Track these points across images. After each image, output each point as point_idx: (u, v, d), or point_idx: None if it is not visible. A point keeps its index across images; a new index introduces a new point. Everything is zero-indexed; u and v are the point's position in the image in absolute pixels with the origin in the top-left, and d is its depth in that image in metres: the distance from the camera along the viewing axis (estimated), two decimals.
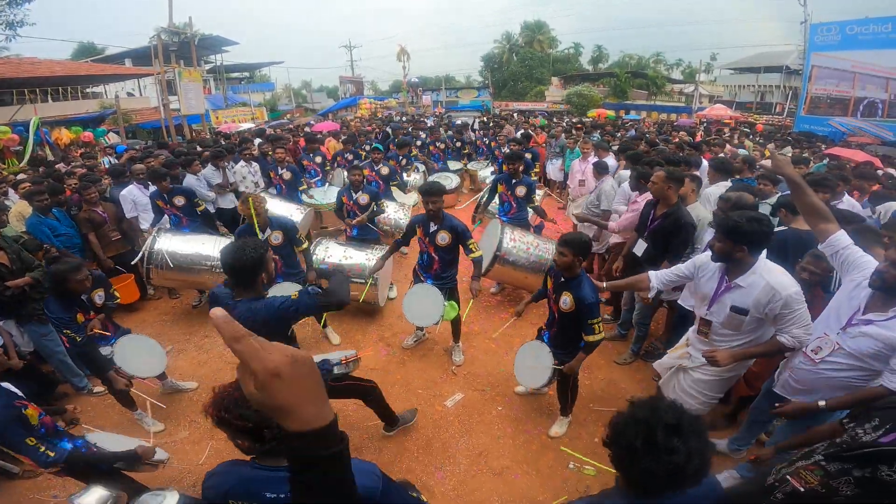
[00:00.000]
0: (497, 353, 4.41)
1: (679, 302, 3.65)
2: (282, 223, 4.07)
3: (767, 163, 2.42)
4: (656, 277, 2.78)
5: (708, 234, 3.48)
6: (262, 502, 1.33)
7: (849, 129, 15.74)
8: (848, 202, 4.16)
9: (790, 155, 8.45)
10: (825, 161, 7.81)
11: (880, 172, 6.99)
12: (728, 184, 4.38)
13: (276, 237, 3.94)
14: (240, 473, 1.41)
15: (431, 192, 3.70)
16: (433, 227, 3.85)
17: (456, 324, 4.19)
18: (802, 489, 1.56)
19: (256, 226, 3.81)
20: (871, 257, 2.17)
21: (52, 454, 2.11)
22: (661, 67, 41.39)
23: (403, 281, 5.17)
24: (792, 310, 2.23)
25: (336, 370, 2.69)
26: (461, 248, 3.90)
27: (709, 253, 2.52)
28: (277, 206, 5.74)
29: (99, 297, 3.31)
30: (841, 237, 2.22)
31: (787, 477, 1.60)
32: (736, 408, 3.41)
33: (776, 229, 3.14)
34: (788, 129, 17.61)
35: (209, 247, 4.85)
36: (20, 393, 2.27)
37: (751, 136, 12.28)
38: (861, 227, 2.91)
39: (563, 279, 2.95)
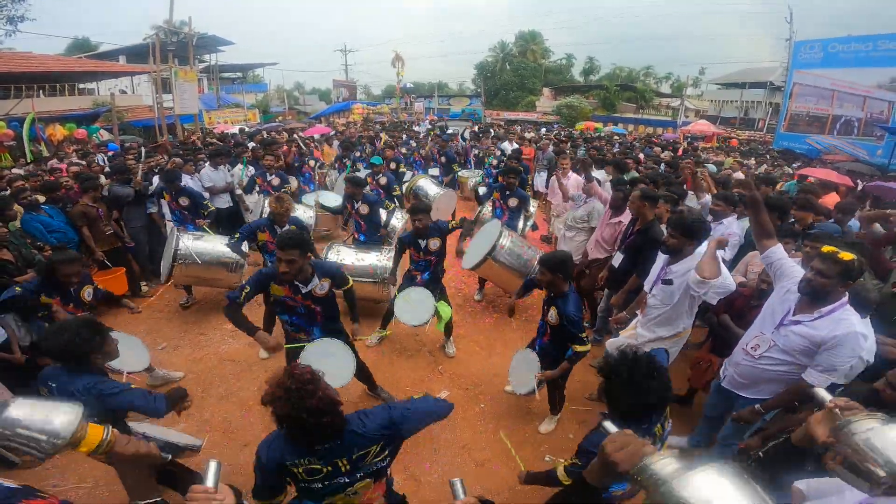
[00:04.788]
0: (480, 354, 4.65)
1: None
2: (297, 221, 4.51)
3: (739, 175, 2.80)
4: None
5: None
6: None
7: (825, 147, 16.23)
8: None
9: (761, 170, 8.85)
10: (793, 182, 8.14)
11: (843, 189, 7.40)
12: None
13: None
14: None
15: (418, 211, 4.02)
16: (423, 242, 4.16)
17: (447, 323, 4.42)
18: None
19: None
20: (799, 267, 2.47)
21: None
22: (650, 81, 42.00)
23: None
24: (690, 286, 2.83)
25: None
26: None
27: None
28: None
29: (88, 293, 3.42)
30: (777, 250, 2.52)
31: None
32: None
33: None
34: (768, 146, 18.09)
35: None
36: None
37: (731, 154, 12.68)
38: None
39: (552, 294, 3.14)
